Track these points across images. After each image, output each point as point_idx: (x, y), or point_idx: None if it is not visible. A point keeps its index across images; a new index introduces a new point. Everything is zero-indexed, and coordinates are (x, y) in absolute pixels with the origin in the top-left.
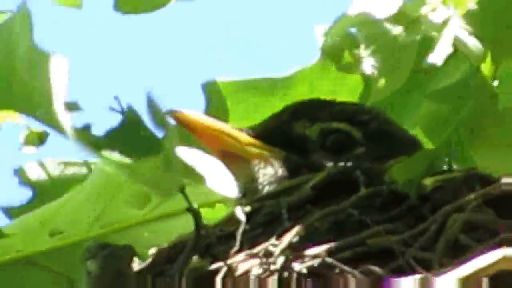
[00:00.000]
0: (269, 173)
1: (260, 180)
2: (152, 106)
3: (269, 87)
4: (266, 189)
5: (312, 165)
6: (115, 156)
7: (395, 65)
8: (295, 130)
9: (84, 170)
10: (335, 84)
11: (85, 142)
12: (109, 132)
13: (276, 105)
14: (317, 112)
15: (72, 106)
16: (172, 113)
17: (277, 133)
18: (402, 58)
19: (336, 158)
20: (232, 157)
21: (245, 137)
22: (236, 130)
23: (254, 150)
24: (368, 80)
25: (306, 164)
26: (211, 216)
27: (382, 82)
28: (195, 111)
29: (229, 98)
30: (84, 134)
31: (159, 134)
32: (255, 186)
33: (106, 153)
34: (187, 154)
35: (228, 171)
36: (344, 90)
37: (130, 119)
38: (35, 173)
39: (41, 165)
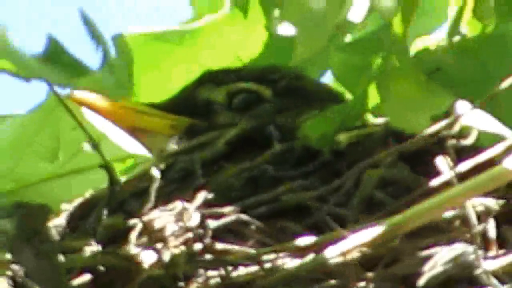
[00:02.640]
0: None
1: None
2: (87, 22)
3: (178, 38)
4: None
5: (217, 127)
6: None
7: (316, 25)
8: (200, 96)
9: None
10: (244, 35)
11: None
12: None
13: (185, 54)
14: (224, 76)
15: None
16: (71, 96)
17: (183, 102)
18: (324, 17)
19: (243, 117)
20: (141, 132)
21: (150, 110)
22: (141, 105)
23: (160, 121)
24: (284, 42)
25: (210, 127)
26: (122, 169)
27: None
28: (94, 94)
29: (139, 50)
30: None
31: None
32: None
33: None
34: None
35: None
36: (252, 42)
37: (53, 48)
38: None
39: None
